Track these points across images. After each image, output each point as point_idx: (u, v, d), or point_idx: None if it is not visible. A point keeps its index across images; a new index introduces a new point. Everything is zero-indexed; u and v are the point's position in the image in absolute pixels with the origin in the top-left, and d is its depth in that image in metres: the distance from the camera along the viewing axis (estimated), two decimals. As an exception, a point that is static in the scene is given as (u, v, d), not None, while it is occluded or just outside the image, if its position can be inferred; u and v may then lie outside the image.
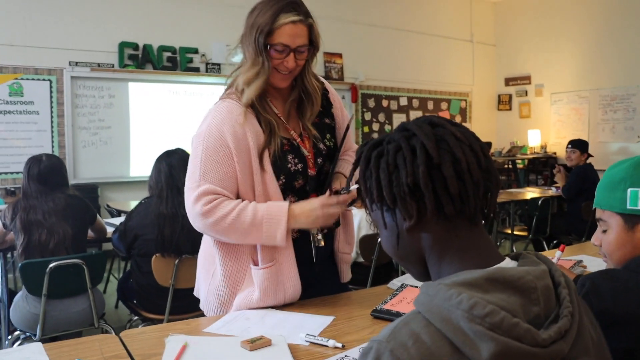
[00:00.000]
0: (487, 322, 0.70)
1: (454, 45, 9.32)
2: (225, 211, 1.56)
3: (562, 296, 0.80)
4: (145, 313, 2.92)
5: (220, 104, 1.67)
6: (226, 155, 1.59)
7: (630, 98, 7.95)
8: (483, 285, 0.75)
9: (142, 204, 2.87)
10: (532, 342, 0.71)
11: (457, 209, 0.83)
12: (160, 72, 6.31)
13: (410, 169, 0.83)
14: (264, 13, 1.58)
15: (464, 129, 0.88)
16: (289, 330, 1.47)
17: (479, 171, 0.84)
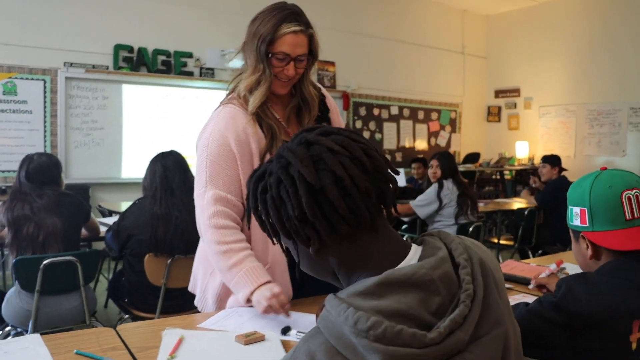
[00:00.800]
0: (371, 334, 0.71)
1: (446, 56, 9.44)
2: (223, 239, 1.62)
3: (461, 278, 0.80)
4: (136, 311, 2.96)
5: (222, 109, 1.73)
6: (231, 160, 1.66)
7: (616, 113, 8.09)
8: (376, 291, 0.76)
9: (136, 204, 2.92)
10: (420, 344, 0.72)
11: (353, 225, 0.82)
12: (154, 75, 6.34)
13: (295, 201, 0.81)
14: (266, 22, 1.65)
15: (342, 136, 0.86)
16: (282, 328, 1.52)
17: (366, 178, 0.82)
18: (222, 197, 1.64)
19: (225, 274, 1.62)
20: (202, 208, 1.65)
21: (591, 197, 1.39)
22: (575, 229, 1.45)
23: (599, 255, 1.40)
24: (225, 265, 1.61)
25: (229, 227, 1.64)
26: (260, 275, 1.59)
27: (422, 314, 0.75)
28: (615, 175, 1.41)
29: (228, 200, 1.65)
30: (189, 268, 2.89)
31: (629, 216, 1.36)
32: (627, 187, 1.37)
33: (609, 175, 1.41)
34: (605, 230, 1.37)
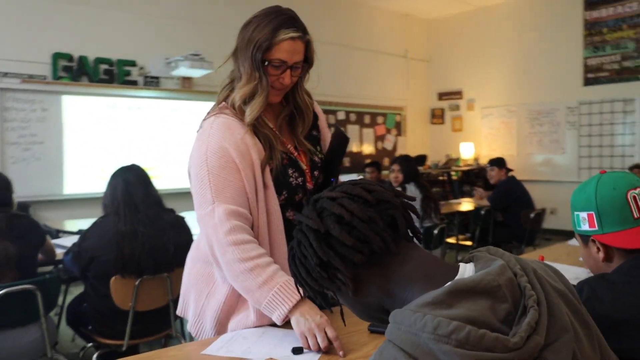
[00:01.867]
0: (453, 339, 0.70)
1: (390, 61, 9.54)
2: (247, 255, 1.46)
3: (522, 285, 0.80)
4: (101, 339, 2.75)
5: (215, 120, 1.60)
6: (234, 171, 1.53)
7: (555, 113, 8.41)
8: (446, 300, 0.75)
9: (97, 223, 2.71)
10: (504, 349, 0.70)
11: (366, 253, 0.85)
12: (97, 85, 6.04)
13: (310, 250, 0.88)
14: (262, 28, 1.54)
15: (341, 185, 0.92)
16: (293, 348, 1.41)
17: (369, 209, 0.86)
18: (234, 211, 1.49)
19: (255, 293, 1.46)
20: (215, 227, 1.48)
21: (597, 200, 1.40)
22: (583, 233, 1.46)
23: (611, 257, 1.42)
24: (255, 284, 1.45)
25: (250, 241, 1.49)
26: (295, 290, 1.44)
27: (492, 321, 0.74)
28: (617, 177, 1.43)
29: (240, 213, 1.51)
30: (159, 288, 2.76)
31: (637, 215, 1.38)
32: (631, 187, 1.40)
33: (610, 177, 1.43)
34: (616, 231, 1.39)
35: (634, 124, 7.65)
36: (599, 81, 7.94)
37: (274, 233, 1.60)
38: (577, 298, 0.91)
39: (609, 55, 7.85)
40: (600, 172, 1.48)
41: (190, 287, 1.72)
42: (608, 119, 7.87)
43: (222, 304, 1.60)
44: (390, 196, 0.90)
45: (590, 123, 8.05)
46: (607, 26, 7.85)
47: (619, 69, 7.77)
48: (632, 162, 7.26)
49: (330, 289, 0.91)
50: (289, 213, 1.65)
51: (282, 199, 1.62)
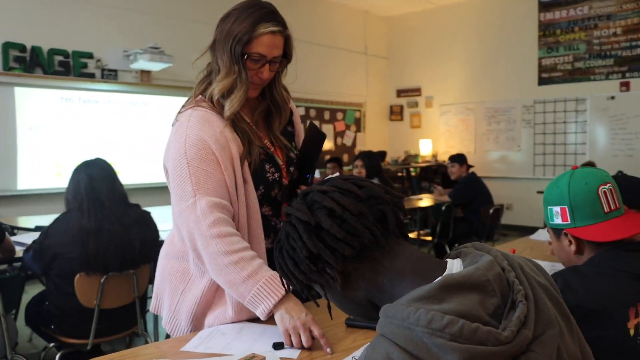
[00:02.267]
0: (447, 333, 0.70)
1: (349, 57, 9.58)
2: (231, 248, 1.43)
3: (510, 280, 0.82)
4: (65, 339, 2.66)
5: (192, 112, 1.56)
6: (214, 163, 1.50)
7: (511, 111, 8.63)
8: (437, 295, 0.76)
9: (60, 219, 2.62)
10: (496, 342, 0.72)
11: (356, 246, 0.85)
12: (51, 77, 5.84)
13: (300, 243, 0.87)
14: (242, 21, 1.52)
15: (332, 180, 0.93)
16: (274, 343, 1.40)
17: (359, 204, 0.87)
18: (216, 203, 1.46)
19: (239, 287, 1.43)
20: (197, 220, 1.45)
21: (570, 195, 1.45)
22: (556, 227, 1.51)
23: (582, 250, 1.47)
24: (239, 278, 1.42)
25: (234, 234, 1.46)
26: (280, 285, 1.43)
27: (482, 315, 0.75)
28: (588, 172, 1.48)
29: (223, 205, 1.48)
30: (125, 285, 2.70)
31: (607, 209, 1.44)
32: (602, 182, 1.45)
33: (582, 173, 1.47)
34: (587, 224, 1.44)
35: (585, 123, 7.92)
36: (553, 81, 8.19)
37: (253, 228, 1.59)
38: (558, 291, 0.94)
39: (562, 56, 8.11)
40: (572, 167, 1.53)
41: (165, 284, 1.69)
42: (561, 117, 8.13)
43: (198, 299, 1.58)
44: (381, 192, 0.90)
45: (544, 121, 8.30)
46: (560, 28, 8.10)
47: (572, 70, 8.03)
48: (584, 160, 7.52)
49: (318, 283, 0.91)
50: (264, 209, 1.64)
51: (259, 194, 1.61)
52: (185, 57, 6.58)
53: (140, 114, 6.60)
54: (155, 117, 6.69)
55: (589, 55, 7.87)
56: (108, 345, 3.32)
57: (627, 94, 7.57)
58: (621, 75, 7.62)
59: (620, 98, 7.62)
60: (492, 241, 5.75)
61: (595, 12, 7.80)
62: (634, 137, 7.52)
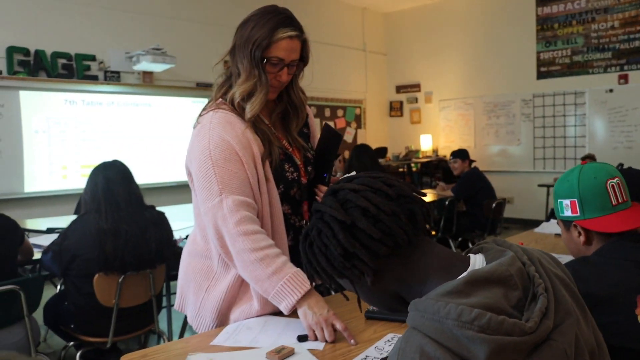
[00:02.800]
0: (476, 325, 0.75)
1: (348, 54, 9.62)
2: (257, 246, 1.50)
3: (531, 274, 0.87)
4: (84, 337, 2.73)
5: (214, 115, 1.63)
6: (238, 163, 1.56)
7: (510, 105, 8.69)
8: (464, 290, 0.81)
9: (77, 221, 2.68)
10: (521, 333, 0.77)
11: (391, 245, 0.89)
12: (55, 80, 5.89)
13: (334, 241, 0.90)
14: (261, 27, 1.59)
15: (362, 177, 0.95)
16: (299, 335, 1.47)
17: (391, 203, 0.90)
18: (242, 201, 1.53)
19: (264, 283, 1.50)
20: (224, 218, 1.51)
21: (580, 188, 1.52)
22: (566, 219, 1.58)
23: (590, 241, 1.54)
24: (264, 274, 1.49)
25: (259, 232, 1.53)
26: (305, 280, 1.49)
27: (506, 307, 0.80)
28: (597, 167, 1.55)
29: (248, 203, 1.54)
30: (142, 285, 2.76)
31: (615, 202, 1.51)
32: (610, 176, 1.52)
33: (591, 167, 1.54)
34: (596, 216, 1.51)
35: (585, 116, 7.99)
36: (552, 74, 8.25)
37: (275, 225, 1.65)
38: (573, 282, 0.99)
39: (560, 50, 8.17)
40: (582, 162, 1.60)
41: (189, 282, 1.75)
42: (561, 111, 8.20)
43: (223, 294, 1.64)
44: (409, 191, 0.94)
45: (544, 115, 8.36)
46: (558, 22, 8.16)
47: (570, 63, 8.09)
48: (584, 153, 7.59)
49: (349, 278, 0.94)
50: (284, 207, 1.70)
51: (278, 193, 1.67)
52: (188, 58, 6.64)
53: (144, 114, 6.65)
54: (158, 118, 6.74)
55: (587, 48, 7.93)
56: (122, 344, 3.39)
57: (626, 86, 7.63)
58: (619, 68, 7.68)
59: (619, 91, 7.68)
60: (495, 234, 5.82)
61: (592, 5, 7.86)
62: (633, 129, 7.59)
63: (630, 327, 1.37)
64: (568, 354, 0.82)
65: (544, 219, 6.17)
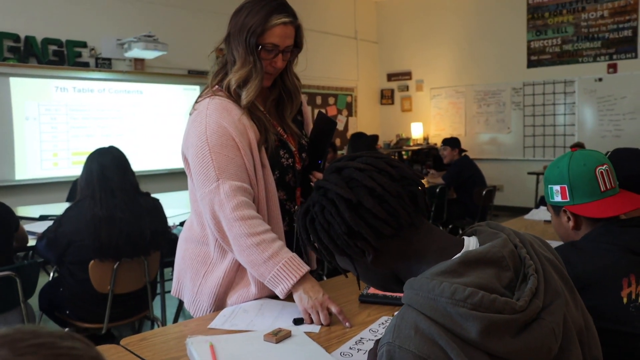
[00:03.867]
0: (469, 303, 0.78)
1: (340, 42, 9.61)
2: (254, 230, 1.52)
3: (522, 256, 0.90)
4: (79, 323, 2.75)
5: (210, 101, 1.65)
6: (235, 149, 1.59)
7: (501, 93, 8.74)
8: (457, 269, 0.84)
9: (72, 208, 2.69)
10: (511, 311, 0.80)
11: (395, 226, 0.91)
12: (46, 66, 5.86)
13: (339, 219, 0.92)
14: (255, 14, 1.61)
15: (365, 157, 0.96)
16: (295, 318, 1.50)
17: (395, 184, 0.92)
18: (239, 187, 1.55)
19: (260, 267, 1.53)
20: (221, 203, 1.53)
21: (570, 174, 1.55)
22: (556, 204, 1.61)
23: (579, 226, 1.59)
24: (261, 259, 1.52)
25: (256, 217, 1.56)
26: (301, 265, 1.53)
27: (497, 287, 0.84)
28: (586, 154, 1.58)
29: (245, 189, 1.57)
30: (137, 271, 2.79)
31: (603, 188, 1.55)
32: (599, 163, 1.56)
33: (581, 154, 1.58)
34: (585, 202, 1.55)
35: (574, 105, 8.06)
36: (542, 63, 8.30)
37: (272, 210, 1.68)
38: (563, 265, 1.03)
39: (550, 39, 8.22)
40: (571, 149, 1.64)
41: (186, 268, 1.77)
42: (550, 99, 8.26)
43: (220, 279, 1.67)
44: (410, 173, 0.96)
45: (533, 103, 8.42)
46: (549, 10, 8.19)
47: (560, 52, 8.14)
48: (573, 141, 7.67)
49: (351, 255, 0.96)
50: (279, 193, 1.73)
51: (274, 179, 1.70)
52: (180, 45, 6.61)
53: (135, 102, 6.63)
54: (150, 105, 6.72)
55: (577, 37, 7.98)
56: (116, 330, 3.41)
57: (615, 75, 7.70)
58: (608, 57, 7.74)
59: (608, 80, 7.75)
60: (485, 222, 5.88)
61: (583, -6, 7.90)
62: (621, 118, 7.67)
63: (616, 310, 1.41)
64: (556, 333, 0.85)
65: (533, 206, 6.25)
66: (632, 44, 7.56)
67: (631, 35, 7.56)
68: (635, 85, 7.52)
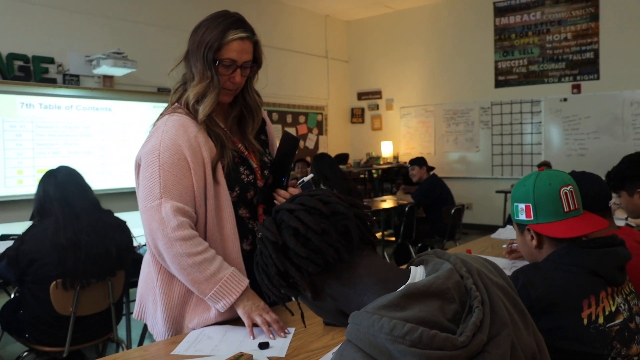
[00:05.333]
0: (407, 340, 0.77)
1: (310, 60, 9.68)
2: (194, 250, 1.54)
3: (468, 287, 0.89)
4: (39, 347, 2.67)
5: (169, 118, 1.65)
6: (185, 169, 1.59)
7: (469, 112, 8.88)
8: (400, 303, 0.83)
9: (35, 226, 2.61)
10: (452, 347, 0.78)
11: (320, 263, 0.92)
12: (11, 82, 5.74)
13: (269, 260, 0.95)
14: (212, 30, 1.63)
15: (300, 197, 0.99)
16: (260, 343, 1.48)
17: (324, 221, 0.94)
18: (180, 208, 1.56)
19: (201, 285, 1.55)
20: (161, 221, 1.54)
21: (534, 193, 1.58)
22: (520, 222, 1.64)
23: (542, 245, 1.60)
24: (202, 277, 1.55)
25: (196, 237, 1.57)
26: (241, 280, 1.58)
27: (442, 320, 0.83)
28: (552, 174, 1.61)
29: (186, 211, 1.58)
30: (100, 293, 2.72)
31: (567, 208, 1.57)
32: (564, 184, 1.58)
33: (547, 174, 1.60)
34: (548, 222, 1.57)
35: (540, 124, 8.24)
36: (509, 83, 8.49)
37: (225, 228, 1.67)
38: (514, 289, 1.03)
39: (517, 59, 8.41)
40: (539, 169, 1.66)
41: (148, 291, 1.74)
42: (518, 118, 8.43)
43: (176, 304, 1.65)
44: (345, 207, 0.96)
45: (501, 122, 8.58)
46: (515, 32, 8.40)
47: (526, 73, 8.34)
48: (540, 160, 7.82)
49: (291, 295, 0.99)
50: (241, 211, 1.72)
51: (234, 196, 1.69)
52: (149, 63, 6.56)
53: (104, 119, 6.54)
54: (118, 123, 6.64)
55: (543, 58, 8.18)
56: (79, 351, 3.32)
57: (579, 96, 7.90)
58: (572, 78, 7.95)
59: (572, 100, 7.95)
60: (453, 240, 5.94)
61: (547, 17, 8.12)
62: (585, 137, 7.86)
63: (577, 331, 1.43)
64: None
65: (501, 224, 6.33)
66: (594, 65, 7.78)
67: (593, 57, 7.79)
68: (598, 106, 7.73)
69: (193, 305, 1.66)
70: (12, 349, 3.48)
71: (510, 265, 2.44)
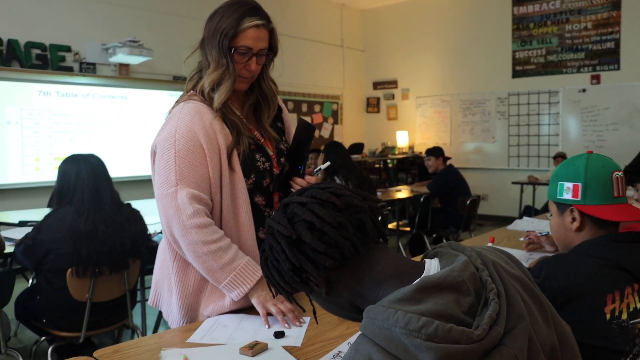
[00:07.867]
0: (423, 333, 0.75)
1: (326, 49, 9.63)
2: (210, 238, 1.55)
3: (483, 279, 0.87)
4: (56, 332, 2.70)
5: (185, 105, 1.65)
6: (200, 156, 1.59)
7: (486, 103, 8.80)
8: (415, 296, 0.81)
9: (52, 215, 2.63)
10: (468, 341, 0.76)
11: (337, 257, 0.90)
12: (29, 70, 5.78)
13: (283, 256, 0.91)
14: (228, 17, 1.62)
15: (312, 189, 0.96)
16: (275, 332, 1.48)
17: (339, 214, 0.91)
18: (195, 195, 1.56)
19: (216, 274, 1.56)
20: (177, 209, 1.54)
21: (587, 173, 1.52)
22: (563, 202, 1.57)
23: (583, 227, 1.55)
24: (217, 265, 1.55)
25: (212, 224, 1.57)
26: (255, 270, 1.58)
27: (457, 313, 0.81)
28: (605, 158, 1.56)
29: (202, 198, 1.58)
30: (116, 280, 2.74)
31: (616, 193, 1.52)
32: (616, 169, 1.53)
33: (598, 157, 1.56)
34: (597, 204, 1.52)
35: (558, 115, 8.13)
36: (527, 73, 8.38)
37: (241, 216, 1.67)
38: (532, 279, 1.00)
39: (535, 49, 8.30)
40: (588, 152, 1.62)
41: (163, 278, 1.75)
42: (535, 109, 8.33)
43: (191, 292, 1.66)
44: (358, 200, 0.94)
45: (518, 113, 8.49)
46: (534, 21, 8.28)
47: (545, 63, 8.22)
48: (557, 151, 7.72)
49: (304, 291, 0.96)
50: (257, 198, 1.72)
51: (249, 183, 1.68)
52: (164, 51, 6.57)
53: (119, 107, 6.57)
54: (134, 111, 6.67)
55: (561, 48, 8.06)
56: (96, 338, 3.36)
57: (598, 86, 7.78)
58: (592, 68, 7.83)
59: (591, 90, 7.83)
60: (469, 231, 5.90)
61: (566, 6, 7.99)
62: (604, 129, 7.75)
63: (598, 326, 1.40)
64: (519, 359, 0.82)
65: (517, 216, 6.27)
66: (614, 55, 7.65)
67: (614, 47, 7.66)
68: (618, 97, 7.60)
69: (208, 292, 1.66)
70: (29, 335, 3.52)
71: (527, 257, 2.41)
